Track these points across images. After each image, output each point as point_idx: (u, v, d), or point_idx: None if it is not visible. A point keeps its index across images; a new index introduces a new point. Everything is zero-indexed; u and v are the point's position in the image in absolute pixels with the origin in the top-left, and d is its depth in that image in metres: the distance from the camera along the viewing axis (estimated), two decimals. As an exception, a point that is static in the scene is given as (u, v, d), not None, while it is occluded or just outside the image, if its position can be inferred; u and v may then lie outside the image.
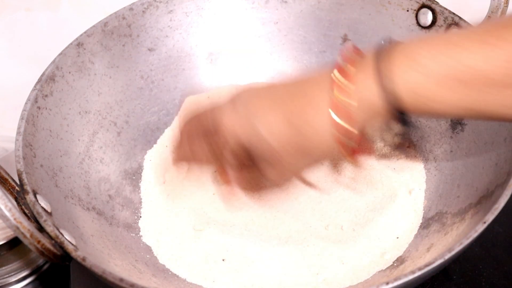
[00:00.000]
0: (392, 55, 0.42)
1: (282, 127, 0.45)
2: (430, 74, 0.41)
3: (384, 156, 0.61)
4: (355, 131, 0.44)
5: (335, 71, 0.44)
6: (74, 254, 0.45)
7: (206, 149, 0.50)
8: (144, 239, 0.57)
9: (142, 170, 0.62)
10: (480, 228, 0.45)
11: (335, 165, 0.60)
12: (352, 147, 0.45)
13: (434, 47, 0.41)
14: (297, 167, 0.49)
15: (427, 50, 0.42)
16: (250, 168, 0.50)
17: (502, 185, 0.48)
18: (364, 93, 0.43)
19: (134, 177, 0.61)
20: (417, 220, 0.57)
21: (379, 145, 0.62)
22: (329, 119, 0.44)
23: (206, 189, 0.60)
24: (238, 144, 0.48)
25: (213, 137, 0.49)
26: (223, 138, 0.48)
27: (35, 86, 0.55)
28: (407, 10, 0.63)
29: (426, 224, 0.56)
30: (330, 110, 0.44)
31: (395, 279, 0.42)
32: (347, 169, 0.60)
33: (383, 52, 0.43)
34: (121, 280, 0.42)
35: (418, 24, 0.62)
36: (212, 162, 0.52)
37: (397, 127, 0.56)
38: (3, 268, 0.61)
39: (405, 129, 0.44)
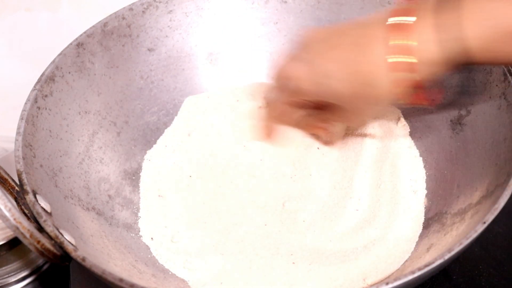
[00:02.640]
0: (459, 5, 0.42)
1: (346, 75, 0.49)
2: (505, 26, 0.40)
3: (384, 156, 0.61)
4: (415, 61, 0.45)
5: (390, 19, 0.46)
6: (73, 254, 0.45)
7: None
8: (143, 239, 0.57)
9: (141, 170, 0.62)
10: (480, 228, 0.45)
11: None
12: (414, 92, 0.47)
13: None
14: (369, 108, 0.52)
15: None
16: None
17: (502, 185, 0.48)
18: (425, 47, 0.44)
19: (134, 177, 0.61)
20: (419, 220, 0.56)
21: (380, 146, 0.62)
22: (386, 64, 0.46)
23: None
24: (310, 95, 0.53)
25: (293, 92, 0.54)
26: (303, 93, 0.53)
27: (35, 86, 0.55)
28: (407, 10, 0.63)
29: (426, 224, 0.56)
30: (387, 57, 0.46)
31: (395, 279, 0.42)
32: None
33: (448, 2, 0.43)
34: (121, 280, 0.42)
35: (418, 24, 0.62)
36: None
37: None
38: (3, 268, 0.61)
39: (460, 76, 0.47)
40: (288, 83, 0.54)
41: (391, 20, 0.46)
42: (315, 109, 0.58)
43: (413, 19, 0.44)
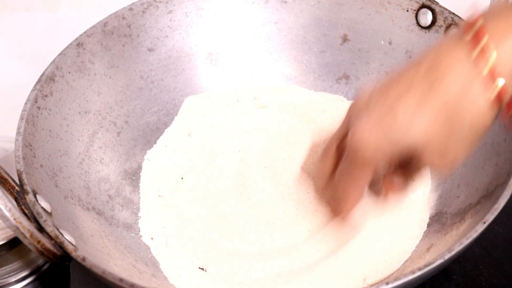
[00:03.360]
0: None
1: (425, 113, 0.42)
2: None
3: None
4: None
5: (467, 37, 0.41)
6: (74, 254, 0.45)
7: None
8: (143, 239, 0.57)
9: (141, 170, 0.62)
10: (480, 228, 0.45)
11: None
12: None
13: None
14: (460, 151, 0.44)
15: None
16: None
17: (502, 185, 0.48)
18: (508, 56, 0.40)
19: (134, 177, 0.61)
20: (420, 220, 0.56)
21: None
22: (478, 85, 0.41)
23: None
24: (389, 156, 0.44)
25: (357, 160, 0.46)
26: (371, 160, 0.45)
27: (35, 86, 0.55)
28: (407, 10, 0.63)
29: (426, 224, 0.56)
30: (477, 76, 0.40)
31: (395, 279, 0.42)
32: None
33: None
34: (121, 280, 0.42)
35: (418, 24, 0.62)
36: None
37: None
38: (3, 268, 0.61)
39: None
40: (356, 158, 0.45)
41: (474, 52, 0.41)
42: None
43: (485, 38, 0.41)
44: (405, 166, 0.49)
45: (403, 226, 0.56)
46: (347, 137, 0.47)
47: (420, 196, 0.58)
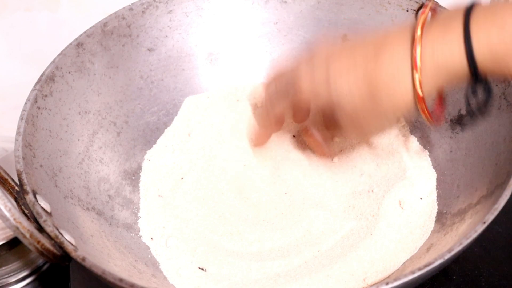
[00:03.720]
0: (473, 14, 0.43)
1: (362, 86, 0.46)
2: None
3: (386, 157, 0.61)
4: (423, 94, 0.45)
5: (419, 30, 0.45)
6: (73, 254, 0.45)
7: (288, 111, 0.53)
8: (143, 239, 0.57)
9: (141, 170, 0.62)
10: (480, 228, 0.45)
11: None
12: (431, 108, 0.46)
13: None
14: (374, 127, 0.50)
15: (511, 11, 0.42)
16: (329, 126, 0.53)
17: (502, 185, 0.48)
18: (440, 52, 0.44)
19: (133, 177, 0.61)
20: (420, 220, 0.56)
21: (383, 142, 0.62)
22: (410, 79, 0.45)
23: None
24: (319, 104, 0.50)
25: (294, 98, 0.52)
26: (304, 100, 0.50)
27: (34, 86, 0.55)
28: (407, 10, 0.63)
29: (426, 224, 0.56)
30: (413, 71, 0.45)
31: (395, 279, 0.42)
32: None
33: (464, 12, 0.43)
34: (121, 280, 0.42)
35: (418, 24, 0.62)
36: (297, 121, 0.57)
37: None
38: (3, 268, 0.61)
39: (482, 97, 0.45)
40: (289, 84, 0.52)
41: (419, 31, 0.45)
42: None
43: (418, 33, 0.45)
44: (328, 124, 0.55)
45: (405, 227, 0.56)
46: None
47: (424, 198, 0.58)
